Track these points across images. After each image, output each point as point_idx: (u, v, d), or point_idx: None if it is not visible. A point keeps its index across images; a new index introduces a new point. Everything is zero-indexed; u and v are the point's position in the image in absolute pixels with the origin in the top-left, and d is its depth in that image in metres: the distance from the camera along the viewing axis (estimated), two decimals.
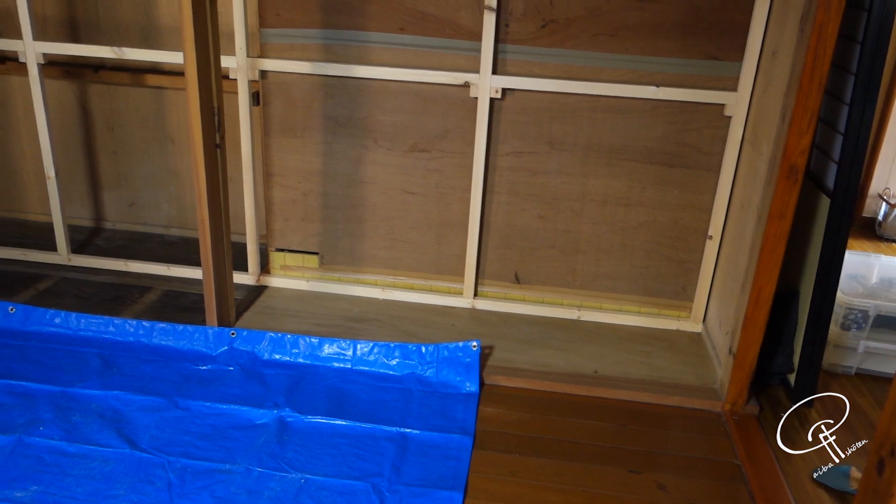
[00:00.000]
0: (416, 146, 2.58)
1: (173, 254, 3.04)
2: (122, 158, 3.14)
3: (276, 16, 2.47)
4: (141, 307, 2.62)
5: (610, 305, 2.71)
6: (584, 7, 2.33)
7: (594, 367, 2.40)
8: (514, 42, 2.40)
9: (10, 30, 2.94)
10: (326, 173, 2.66)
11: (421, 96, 2.51)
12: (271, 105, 2.59)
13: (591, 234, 2.62)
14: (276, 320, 2.57)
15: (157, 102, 3.02)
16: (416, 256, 2.74)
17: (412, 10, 2.41)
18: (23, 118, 3.11)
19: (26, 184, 3.24)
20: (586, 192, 2.56)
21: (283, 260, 2.82)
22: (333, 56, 2.49)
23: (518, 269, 2.71)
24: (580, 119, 2.47)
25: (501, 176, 2.58)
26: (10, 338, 2.40)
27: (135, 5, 2.86)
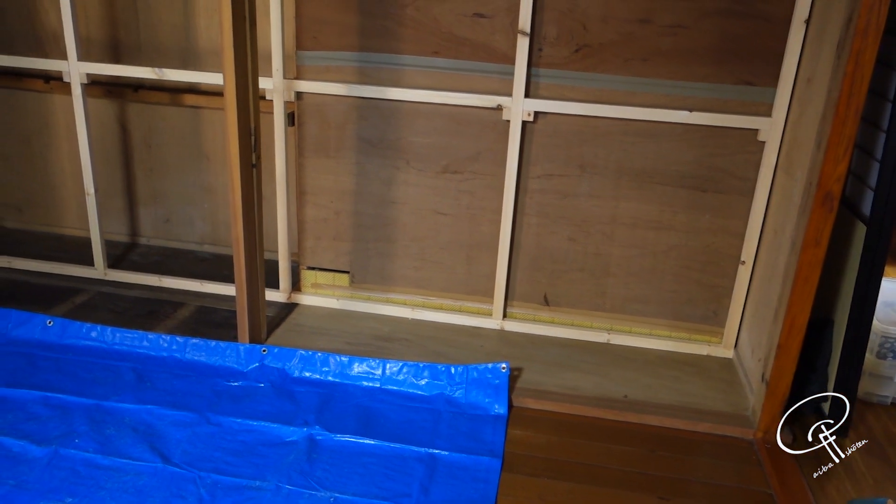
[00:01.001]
0: (448, 168, 2.60)
1: (206, 270, 3.08)
2: (159, 175, 3.21)
3: (312, 39, 2.52)
4: (174, 322, 2.66)
5: (640, 329, 2.69)
6: (618, 32, 2.34)
7: (623, 392, 2.39)
8: (546, 66, 2.42)
9: (55, 51, 3.03)
10: (359, 193, 2.69)
11: (453, 118, 2.53)
12: (306, 126, 2.63)
13: (621, 257, 2.62)
14: (307, 338, 2.60)
15: (194, 121, 3.08)
16: (446, 277, 2.76)
17: (447, 35, 2.44)
18: (64, 136, 3.19)
19: (65, 199, 3.32)
20: (617, 215, 2.56)
21: (315, 278, 2.85)
22: (368, 78, 2.53)
23: (547, 290, 2.71)
24: (611, 142, 2.47)
25: (532, 198, 2.59)
26: (48, 350, 2.46)
27: (175, 28, 2.93)
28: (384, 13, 2.45)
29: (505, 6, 2.38)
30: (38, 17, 3.02)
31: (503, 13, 2.39)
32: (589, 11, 2.34)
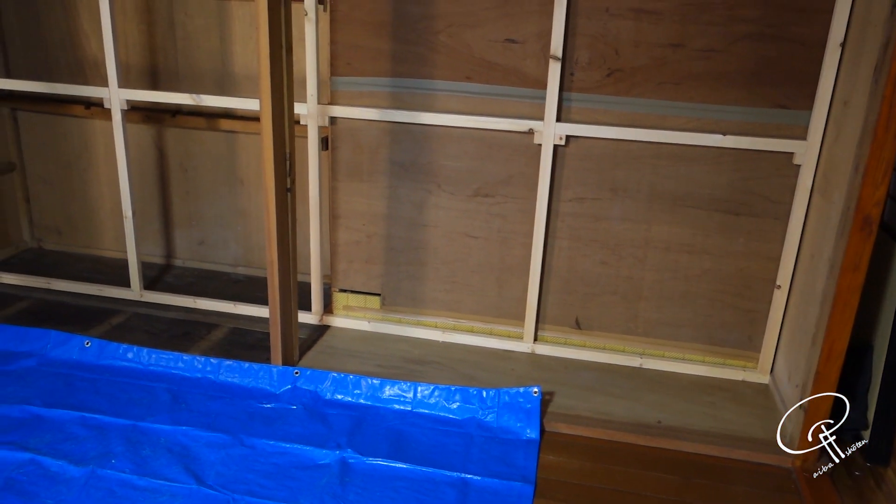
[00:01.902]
0: (480, 191, 2.62)
1: (240, 292, 3.12)
2: (194, 199, 3.27)
3: (346, 65, 2.56)
4: (208, 344, 2.69)
5: (673, 353, 2.66)
6: (650, 57, 2.35)
7: (657, 417, 2.36)
8: (578, 90, 2.43)
9: (95, 77, 3.11)
10: (390, 216, 2.71)
11: (485, 142, 2.55)
12: (339, 150, 2.66)
13: (653, 280, 2.60)
14: (338, 360, 2.61)
15: (229, 145, 3.14)
16: (477, 300, 2.76)
17: (479, 60, 2.46)
18: (103, 160, 3.27)
19: (103, 222, 3.39)
20: (649, 238, 2.55)
21: (346, 300, 2.87)
22: (401, 103, 2.56)
23: (579, 314, 2.70)
24: (643, 166, 2.47)
25: (564, 221, 2.59)
26: (86, 371, 2.50)
27: (212, 54, 3.00)
28: (417, 39, 2.48)
29: (536, 32, 2.40)
30: (79, 44, 3.11)
31: (534, 39, 2.41)
32: (621, 36, 2.35)
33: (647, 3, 2.30)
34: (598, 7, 2.34)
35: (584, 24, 2.36)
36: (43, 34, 3.12)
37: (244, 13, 2.92)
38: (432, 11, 2.44)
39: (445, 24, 2.45)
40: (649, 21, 2.32)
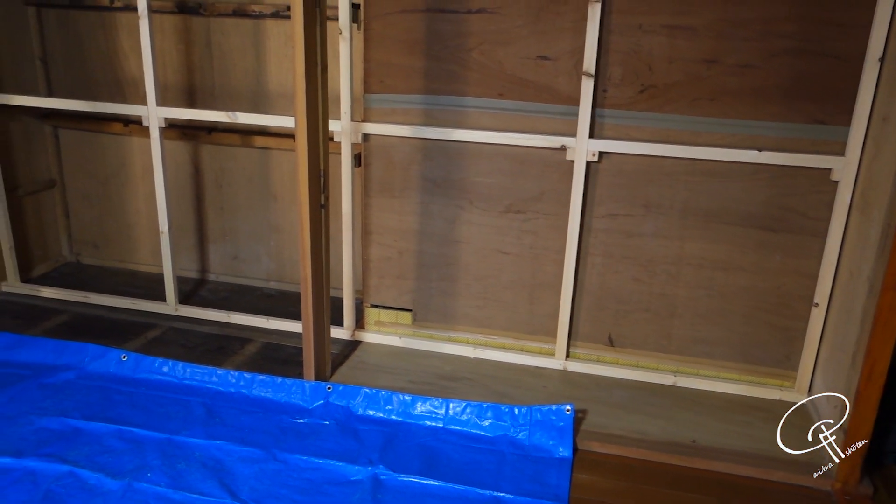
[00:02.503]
0: (512, 207, 2.62)
1: (272, 306, 3.15)
2: (228, 214, 3.31)
3: (379, 82, 2.58)
4: (242, 358, 2.72)
5: (708, 372, 2.63)
6: (684, 73, 2.34)
7: (692, 437, 2.33)
8: (611, 106, 2.42)
9: (134, 95, 3.18)
10: (422, 232, 2.72)
11: (517, 159, 2.55)
12: (372, 166, 2.69)
13: (687, 297, 2.57)
14: (370, 376, 2.62)
15: (263, 162, 3.18)
16: (509, 316, 2.75)
17: (512, 77, 2.47)
18: (140, 176, 3.33)
19: (140, 237, 3.45)
20: (683, 255, 2.53)
21: (378, 316, 2.88)
22: (433, 120, 2.58)
23: (612, 331, 2.68)
24: (677, 182, 2.45)
25: (596, 238, 2.57)
26: (123, 384, 2.54)
27: (247, 73, 3.05)
28: (450, 57, 2.50)
29: (569, 49, 2.40)
30: (118, 63, 3.18)
31: (567, 56, 2.41)
32: (654, 52, 2.34)
33: (681, 19, 2.29)
34: (631, 24, 2.33)
35: (616, 41, 2.36)
36: (84, 54, 3.20)
37: (279, 32, 2.97)
38: (465, 29, 2.46)
39: (478, 42, 2.47)
40: (683, 37, 2.31)
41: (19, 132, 3.22)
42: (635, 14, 2.32)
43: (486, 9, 2.43)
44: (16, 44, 3.15)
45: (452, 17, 2.46)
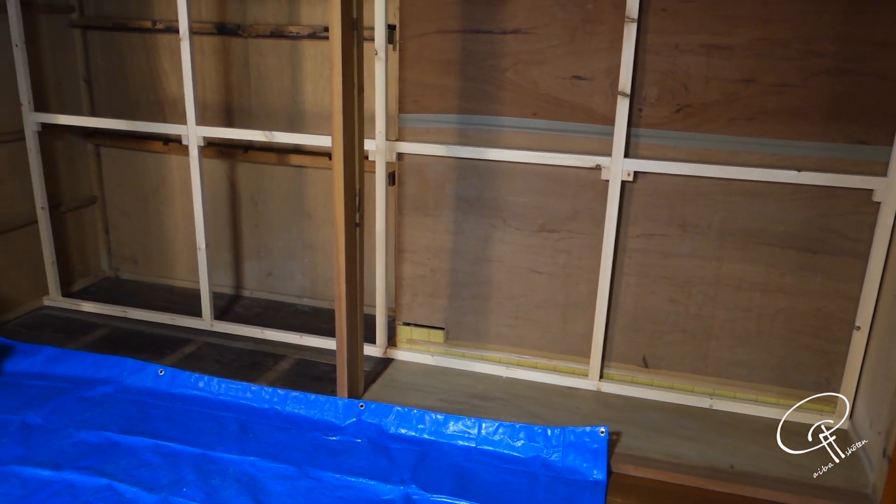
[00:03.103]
0: (545, 226, 2.61)
1: (305, 323, 3.18)
2: (263, 231, 3.35)
3: (414, 102, 2.60)
4: (275, 375, 2.74)
5: (745, 395, 2.58)
6: (721, 92, 2.32)
7: (729, 461, 2.28)
8: (647, 126, 2.41)
9: (174, 114, 3.25)
10: (455, 251, 2.72)
11: (551, 178, 2.55)
12: (406, 185, 2.70)
13: (724, 319, 2.53)
14: (402, 394, 2.62)
15: (298, 180, 3.22)
16: (542, 335, 2.74)
17: (546, 97, 2.48)
18: (178, 193, 3.39)
19: (177, 253, 3.51)
20: (720, 276, 2.49)
21: (410, 334, 2.88)
22: (467, 139, 2.59)
23: (646, 352, 2.65)
24: (714, 202, 2.42)
25: (631, 258, 2.55)
26: (159, 399, 2.57)
27: (283, 92, 3.10)
28: (484, 77, 2.51)
29: (604, 68, 2.40)
30: (159, 83, 3.26)
31: (602, 75, 2.41)
32: (690, 72, 2.33)
33: (718, 38, 2.28)
34: (667, 43, 2.32)
35: (652, 61, 2.35)
36: (126, 74, 3.29)
37: (315, 52, 3.01)
38: (500, 50, 2.47)
39: (513, 62, 2.48)
40: (720, 56, 2.29)
41: (63, 150, 3.31)
42: (671, 34, 2.31)
43: (521, 29, 2.44)
44: (62, 65, 3.24)
45: (487, 38, 2.47)
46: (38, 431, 2.34)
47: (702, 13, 2.28)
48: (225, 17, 3.07)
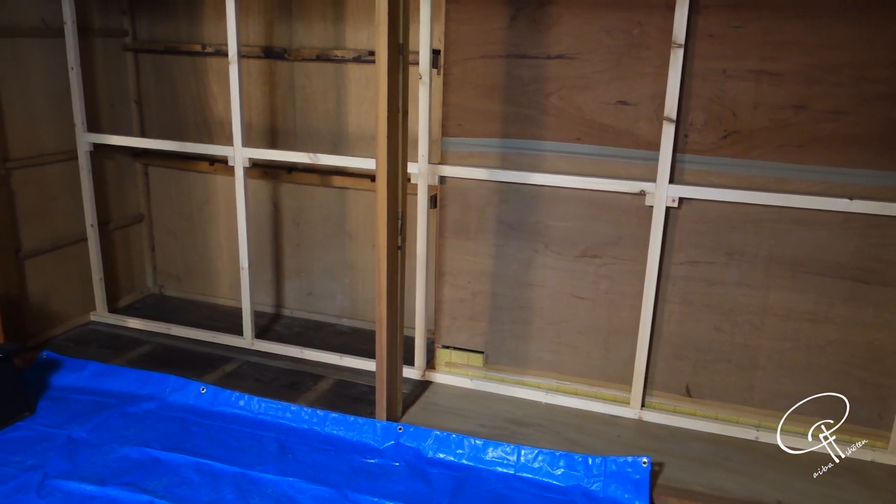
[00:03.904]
0: (587, 252, 2.59)
1: (345, 343, 3.18)
2: (304, 251, 3.38)
3: (457, 126, 2.61)
4: (314, 395, 2.75)
5: (791, 427, 2.50)
6: (770, 119, 2.28)
7: (776, 497, 2.21)
8: (692, 152, 2.38)
9: (220, 136, 3.31)
10: (496, 275, 2.71)
11: (594, 203, 2.53)
12: (448, 208, 2.71)
13: (771, 349, 2.47)
14: (440, 417, 2.60)
15: (340, 201, 3.25)
16: (582, 361, 2.70)
17: (590, 122, 2.46)
18: (223, 213, 3.45)
19: (220, 271, 3.56)
20: (768, 305, 2.44)
21: (449, 357, 2.87)
22: (510, 163, 2.59)
23: (690, 381, 2.59)
24: (762, 230, 2.38)
25: (675, 285, 2.51)
26: (200, 416, 2.60)
27: (327, 115, 3.14)
28: (528, 102, 2.52)
29: (649, 94, 2.38)
30: (207, 105, 3.33)
31: (647, 101, 2.39)
32: (738, 98, 2.30)
33: (768, 64, 2.25)
34: (714, 69, 2.30)
35: (699, 86, 2.33)
36: (175, 96, 3.37)
37: (359, 75, 3.05)
38: (544, 74, 2.48)
39: (557, 87, 2.47)
40: (770, 83, 2.26)
41: (113, 169, 3.39)
42: (719, 59, 2.29)
43: (566, 55, 2.44)
44: (115, 87, 3.33)
45: (532, 63, 2.48)
46: (83, 446, 2.38)
47: (751, 39, 2.25)
48: (272, 41, 3.13)
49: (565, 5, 2.41)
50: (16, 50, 2.86)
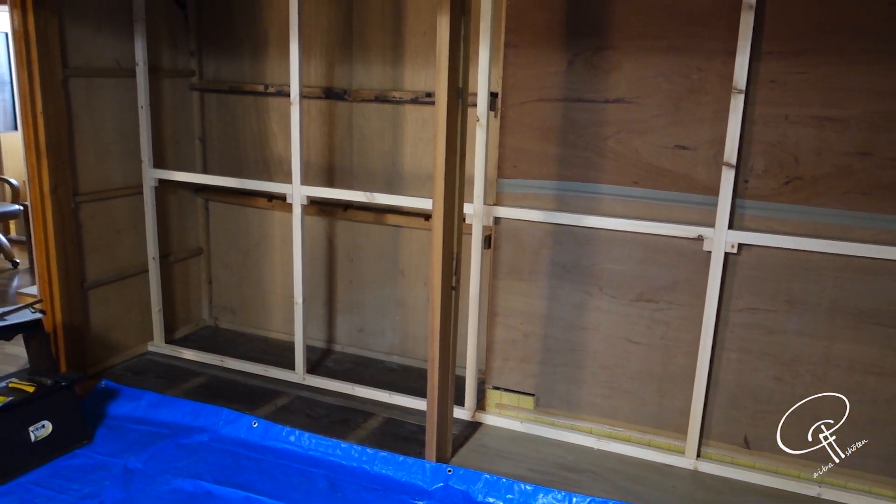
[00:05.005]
0: (643, 296, 2.55)
1: (394, 381, 3.19)
2: (357, 287, 3.42)
3: (513, 167, 2.63)
4: (364, 433, 2.75)
5: (857, 485, 2.40)
6: (833, 165, 2.24)
7: None
8: (752, 197, 2.35)
9: (279, 173, 3.40)
10: (549, 317, 2.70)
11: (650, 247, 2.51)
12: (501, 249, 2.71)
13: (835, 402, 2.39)
14: (490, 460, 2.58)
15: (393, 239, 3.29)
16: (636, 408, 2.65)
17: (647, 166, 2.46)
18: (278, 248, 3.52)
19: (273, 305, 3.62)
20: (830, 356, 2.36)
21: (500, 398, 2.85)
22: (565, 206, 2.59)
23: (748, 432, 2.52)
24: (825, 278, 2.32)
25: (733, 332, 2.46)
26: (252, 450, 2.62)
27: (384, 154, 3.19)
28: (585, 145, 2.52)
29: (708, 139, 2.37)
30: (267, 143, 3.42)
31: (706, 145, 2.37)
32: (801, 144, 2.26)
33: (831, 110, 2.22)
34: (776, 115, 2.27)
35: (760, 132, 2.30)
36: (237, 134, 3.47)
37: (416, 116, 3.10)
38: (601, 118, 2.48)
39: (614, 131, 2.48)
40: (833, 129, 2.22)
41: (175, 204, 3.50)
42: (781, 105, 2.26)
43: (624, 99, 2.44)
44: (180, 125, 3.46)
45: (589, 107, 2.49)
46: (138, 476, 2.42)
47: (813, 85, 2.23)
48: (333, 82, 3.21)
49: (623, 50, 2.42)
50: (89, 89, 3.00)
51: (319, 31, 3.18)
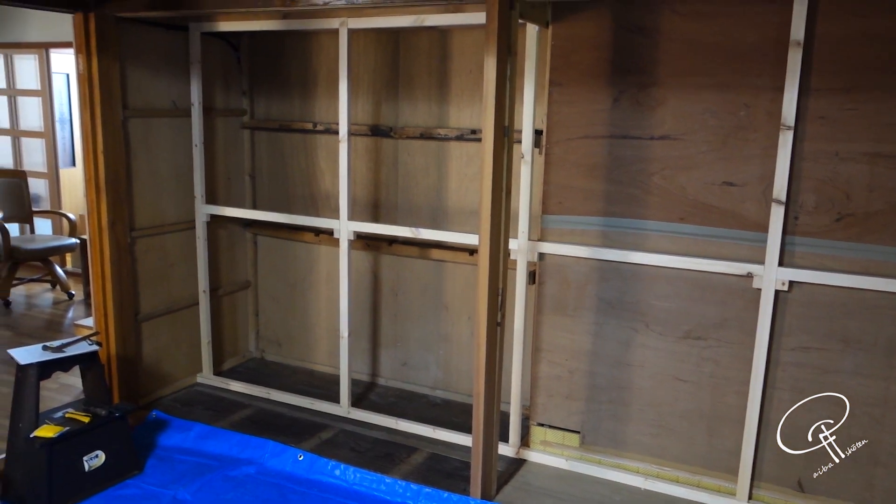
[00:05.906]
0: (691, 333, 2.52)
1: (438, 415, 3.19)
2: (401, 321, 3.44)
3: (558, 204, 2.64)
4: (408, 468, 2.75)
5: None
6: (886, 202, 2.20)
7: None
8: (803, 234, 2.32)
9: (326, 208, 3.46)
10: (594, 353, 2.68)
11: (698, 284, 2.48)
12: (546, 284, 2.71)
13: (893, 445, 2.31)
14: (535, 498, 2.55)
15: (437, 274, 3.31)
16: (684, 447, 2.60)
17: (694, 202, 2.44)
18: (324, 282, 3.57)
19: (318, 338, 3.66)
20: (888, 397, 2.29)
21: (544, 435, 2.83)
22: (610, 242, 2.59)
23: (802, 475, 2.45)
24: (882, 317, 2.26)
25: (785, 371, 2.41)
26: (297, 484, 2.64)
27: (428, 190, 3.24)
28: (630, 181, 2.52)
29: (757, 175, 2.35)
30: (314, 179, 3.50)
31: (755, 182, 2.36)
32: (853, 181, 2.23)
33: (883, 146, 2.18)
34: (826, 151, 2.25)
35: (810, 168, 2.28)
36: (286, 171, 3.56)
37: (461, 153, 3.14)
38: (647, 155, 2.49)
39: (660, 167, 2.48)
40: (886, 165, 2.19)
41: (225, 238, 3.59)
42: (831, 141, 2.24)
43: (670, 135, 2.44)
44: (231, 162, 3.56)
45: (635, 143, 2.50)
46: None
47: (864, 121, 2.20)
48: (379, 120, 3.28)
49: (669, 87, 2.43)
50: (147, 128, 3.12)
51: (367, 70, 3.26)
